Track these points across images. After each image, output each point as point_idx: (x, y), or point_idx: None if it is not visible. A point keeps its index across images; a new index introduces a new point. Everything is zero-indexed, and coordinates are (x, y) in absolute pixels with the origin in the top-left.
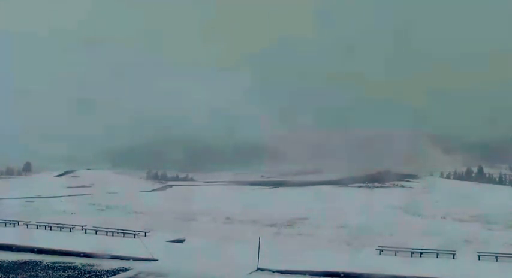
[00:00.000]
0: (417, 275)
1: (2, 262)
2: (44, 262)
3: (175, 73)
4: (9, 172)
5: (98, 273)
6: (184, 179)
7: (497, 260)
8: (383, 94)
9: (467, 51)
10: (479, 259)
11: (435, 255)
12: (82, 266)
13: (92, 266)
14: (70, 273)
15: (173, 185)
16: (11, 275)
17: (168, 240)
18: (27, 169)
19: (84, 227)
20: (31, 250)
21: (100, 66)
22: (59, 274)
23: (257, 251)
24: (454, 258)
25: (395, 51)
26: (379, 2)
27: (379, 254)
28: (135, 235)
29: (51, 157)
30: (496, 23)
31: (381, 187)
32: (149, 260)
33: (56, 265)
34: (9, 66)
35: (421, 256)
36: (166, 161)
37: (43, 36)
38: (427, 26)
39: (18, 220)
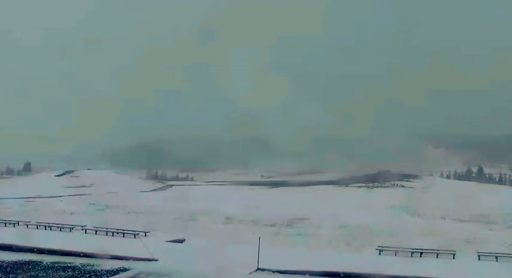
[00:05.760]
0: (417, 275)
1: (2, 262)
2: (44, 262)
3: (174, 73)
4: (9, 172)
5: (98, 273)
6: (184, 179)
7: (497, 260)
8: (383, 94)
9: (467, 51)
10: (479, 259)
11: (435, 255)
12: (82, 266)
13: (92, 266)
14: (70, 273)
15: (173, 185)
16: (11, 275)
17: (168, 240)
18: (27, 169)
19: (84, 227)
20: (31, 250)
21: (100, 66)
22: (59, 274)
23: (257, 251)
24: (454, 258)
25: (395, 51)
26: (380, 2)
27: (379, 254)
28: (135, 235)
29: (51, 157)
30: (496, 23)
31: (380, 187)
32: (149, 260)
33: (56, 265)
34: (10, 66)
35: (421, 256)
36: (166, 161)
37: (43, 36)
38: (428, 26)
39: (18, 220)
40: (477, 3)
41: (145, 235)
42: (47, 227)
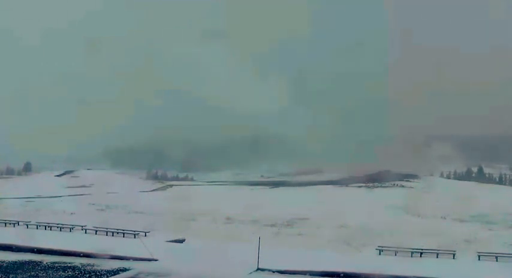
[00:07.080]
0: (417, 275)
1: (2, 262)
2: (44, 262)
3: (174, 73)
4: (9, 172)
5: (98, 273)
6: (184, 179)
7: (497, 260)
8: (383, 93)
9: (467, 51)
10: (479, 259)
11: (435, 255)
12: (82, 266)
13: (92, 266)
14: (70, 273)
15: (173, 185)
16: (11, 275)
17: (168, 240)
18: (27, 169)
19: (84, 227)
20: (31, 250)
21: (100, 66)
22: (59, 274)
23: (257, 251)
24: (454, 258)
25: (395, 50)
26: (379, 2)
27: (379, 254)
28: (135, 235)
29: (51, 157)
30: (496, 23)
31: (380, 187)
32: (149, 260)
33: (56, 265)
34: (9, 66)
35: (421, 256)
36: (166, 161)
37: (43, 36)
38: (428, 25)
39: (18, 220)
40: (477, 3)
41: (145, 235)
42: (47, 227)
